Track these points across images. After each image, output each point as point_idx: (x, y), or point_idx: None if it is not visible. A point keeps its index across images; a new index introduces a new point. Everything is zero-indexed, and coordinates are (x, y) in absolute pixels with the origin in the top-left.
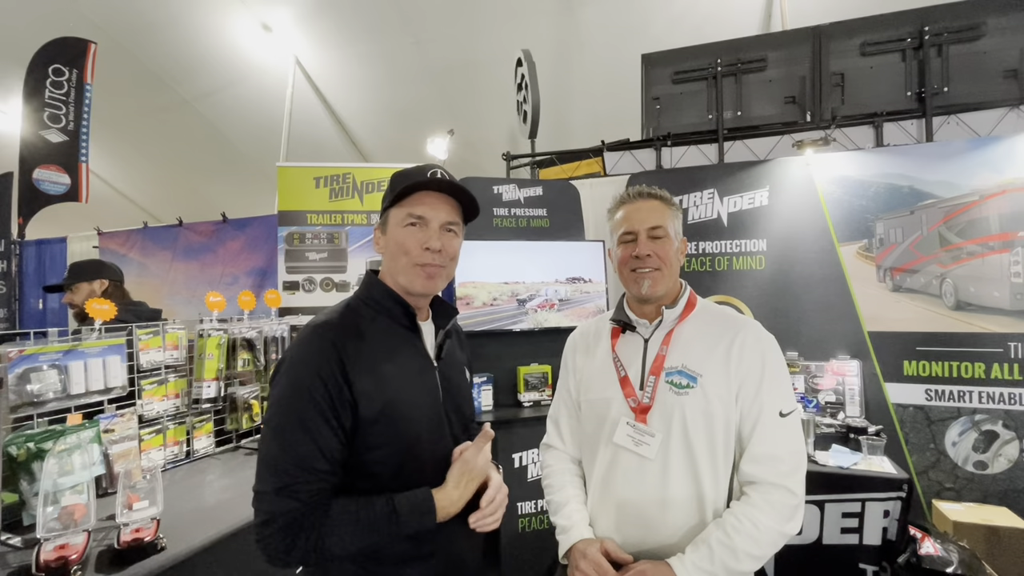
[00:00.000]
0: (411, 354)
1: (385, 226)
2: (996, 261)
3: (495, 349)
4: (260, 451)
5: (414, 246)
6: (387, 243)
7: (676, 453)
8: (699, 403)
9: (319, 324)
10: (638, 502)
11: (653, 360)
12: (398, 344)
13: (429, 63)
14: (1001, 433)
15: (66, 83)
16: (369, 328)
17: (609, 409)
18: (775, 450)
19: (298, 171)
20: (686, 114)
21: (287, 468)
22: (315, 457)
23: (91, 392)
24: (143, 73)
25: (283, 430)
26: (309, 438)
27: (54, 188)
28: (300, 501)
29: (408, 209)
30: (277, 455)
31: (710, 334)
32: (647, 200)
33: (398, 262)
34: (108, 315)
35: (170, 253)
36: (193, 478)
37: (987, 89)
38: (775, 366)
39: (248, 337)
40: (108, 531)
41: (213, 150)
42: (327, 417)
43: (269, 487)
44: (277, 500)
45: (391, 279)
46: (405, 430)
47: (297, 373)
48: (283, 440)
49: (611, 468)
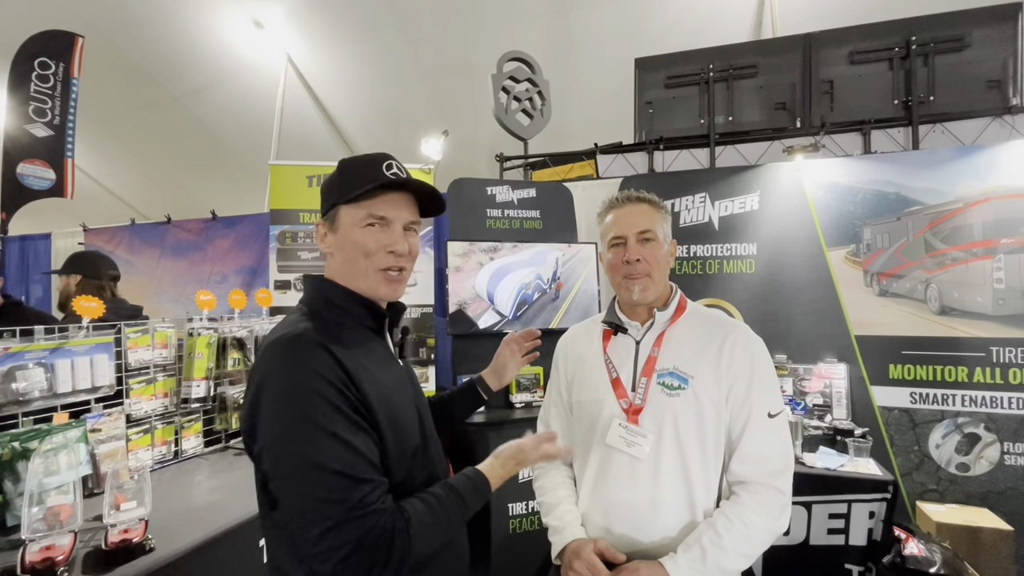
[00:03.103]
0: (385, 356)
1: (334, 223)
2: (979, 267)
3: (486, 350)
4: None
5: (376, 248)
6: (339, 243)
7: (668, 454)
8: (690, 404)
9: (294, 335)
10: (629, 503)
11: (645, 362)
12: (372, 347)
13: (423, 63)
14: (983, 436)
15: (52, 77)
16: (343, 334)
17: (601, 410)
18: (764, 450)
19: (290, 170)
20: (678, 118)
21: (343, 485)
22: (363, 465)
23: (78, 391)
24: (131, 68)
25: (315, 452)
26: (346, 447)
27: (39, 183)
28: (377, 513)
29: (368, 209)
30: (323, 479)
31: (701, 336)
32: (636, 204)
33: (356, 265)
34: (95, 313)
35: (158, 251)
36: (182, 478)
37: (972, 99)
38: (764, 368)
39: (239, 336)
40: (95, 532)
41: (202, 147)
42: (352, 418)
43: (332, 519)
44: (351, 526)
45: (347, 283)
46: (406, 434)
47: (298, 386)
48: (323, 460)
49: (603, 469)
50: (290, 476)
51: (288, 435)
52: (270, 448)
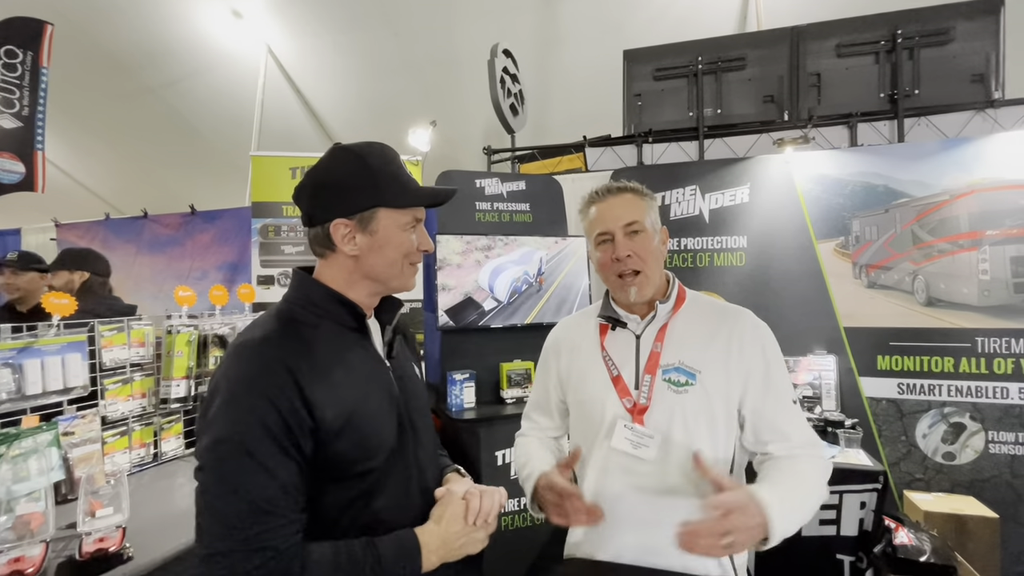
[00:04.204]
0: (364, 358)
1: (370, 224)
2: (965, 259)
3: (477, 345)
4: (202, 505)
5: (415, 249)
6: (376, 244)
7: (676, 454)
8: (700, 401)
9: (257, 341)
10: (636, 505)
11: (647, 358)
12: (348, 349)
13: (407, 56)
14: (968, 425)
15: (20, 66)
16: (314, 336)
17: (604, 411)
18: (801, 433)
19: (273, 161)
20: (667, 111)
21: (248, 515)
22: (280, 497)
23: (49, 392)
24: (104, 59)
25: (235, 473)
26: (269, 477)
27: (7, 177)
28: (274, 551)
29: (413, 214)
30: (231, 502)
31: (705, 327)
32: (618, 195)
33: (394, 266)
34: (66, 311)
35: (134, 246)
36: (161, 482)
37: (955, 92)
38: (777, 355)
39: (220, 333)
40: (69, 541)
41: (180, 140)
42: (286, 449)
43: (227, 545)
44: (242, 558)
45: (372, 282)
46: (375, 445)
47: (242, 403)
48: (237, 483)
49: (605, 471)
50: (204, 491)
51: (213, 448)
52: (200, 454)
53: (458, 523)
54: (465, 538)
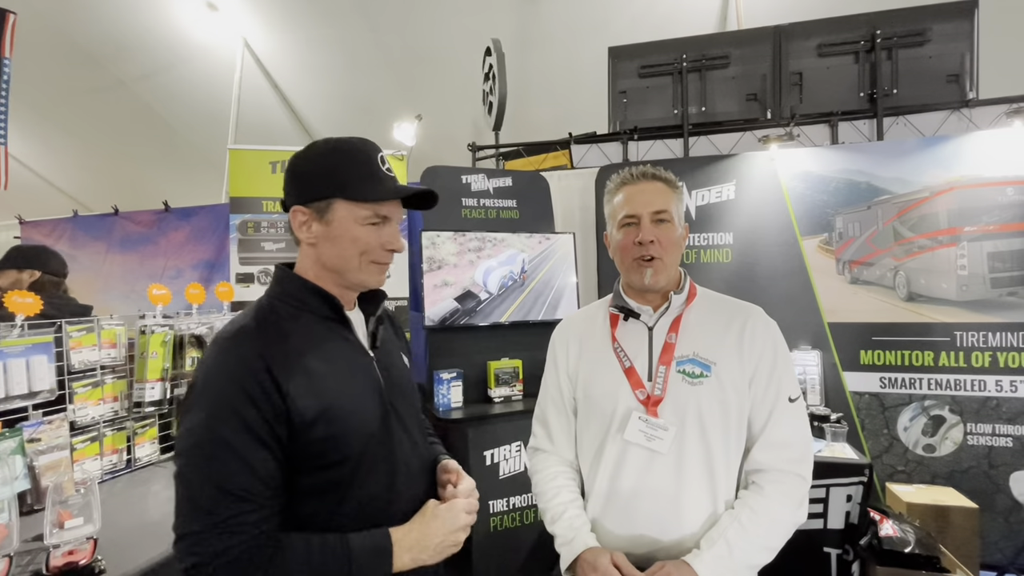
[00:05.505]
0: (344, 348)
1: (325, 214)
2: (944, 255)
3: (464, 343)
4: (179, 489)
5: (376, 246)
6: (331, 235)
7: (691, 446)
8: (715, 392)
9: (233, 333)
10: (649, 499)
11: (661, 349)
12: (328, 339)
13: (388, 51)
14: (948, 417)
15: None
16: (292, 327)
17: (616, 403)
18: (787, 436)
19: (252, 154)
20: (652, 108)
21: (220, 499)
22: (252, 484)
23: (12, 397)
24: (72, 50)
25: (208, 459)
26: (242, 463)
27: None
28: (244, 535)
29: (374, 209)
30: (204, 487)
31: (718, 320)
32: (651, 182)
33: (350, 260)
34: (31, 310)
35: (104, 244)
36: (135, 489)
37: (932, 92)
38: (784, 352)
39: (197, 333)
40: (35, 554)
41: (152, 135)
42: (260, 436)
43: (199, 526)
44: (212, 539)
45: (331, 272)
46: (353, 434)
47: (217, 392)
48: (210, 470)
49: (619, 465)
50: (180, 475)
51: (189, 435)
52: (177, 440)
53: (441, 526)
54: (442, 539)
